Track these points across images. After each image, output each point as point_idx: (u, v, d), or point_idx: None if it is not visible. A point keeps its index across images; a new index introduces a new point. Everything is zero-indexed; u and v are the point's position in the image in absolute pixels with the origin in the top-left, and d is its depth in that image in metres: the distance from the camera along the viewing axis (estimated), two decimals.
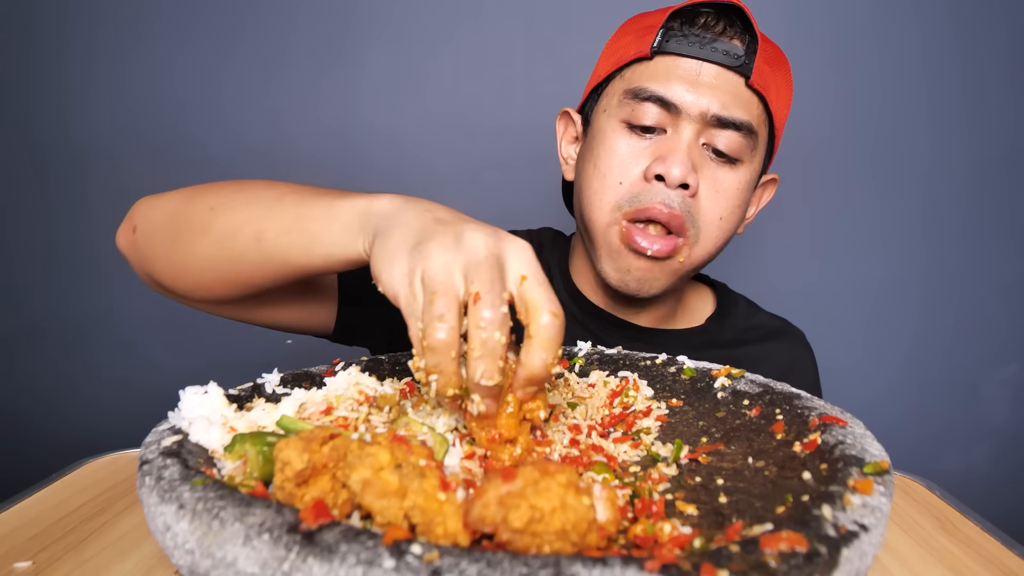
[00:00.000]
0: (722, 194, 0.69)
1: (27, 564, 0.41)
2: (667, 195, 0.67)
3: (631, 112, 0.69)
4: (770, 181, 0.79)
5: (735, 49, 0.67)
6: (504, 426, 0.40)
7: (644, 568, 0.25)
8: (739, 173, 0.69)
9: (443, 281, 0.37)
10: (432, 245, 0.38)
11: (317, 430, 0.34)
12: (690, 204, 0.68)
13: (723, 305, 0.86)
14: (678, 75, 0.67)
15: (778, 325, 0.87)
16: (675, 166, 0.66)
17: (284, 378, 0.55)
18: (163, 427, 0.41)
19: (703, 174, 0.68)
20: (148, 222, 0.61)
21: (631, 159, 0.69)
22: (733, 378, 0.55)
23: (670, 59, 0.68)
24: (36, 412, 1.38)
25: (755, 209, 0.80)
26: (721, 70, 0.67)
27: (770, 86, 0.68)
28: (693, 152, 0.68)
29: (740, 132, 0.67)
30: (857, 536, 0.29)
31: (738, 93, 0.67)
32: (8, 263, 1.34)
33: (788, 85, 0.72)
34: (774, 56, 0.69)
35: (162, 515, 0.31)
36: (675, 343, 0.80)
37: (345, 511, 0.31)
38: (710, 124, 0.67)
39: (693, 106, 0.67)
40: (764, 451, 0.45)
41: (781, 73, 0.70)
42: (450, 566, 0.25)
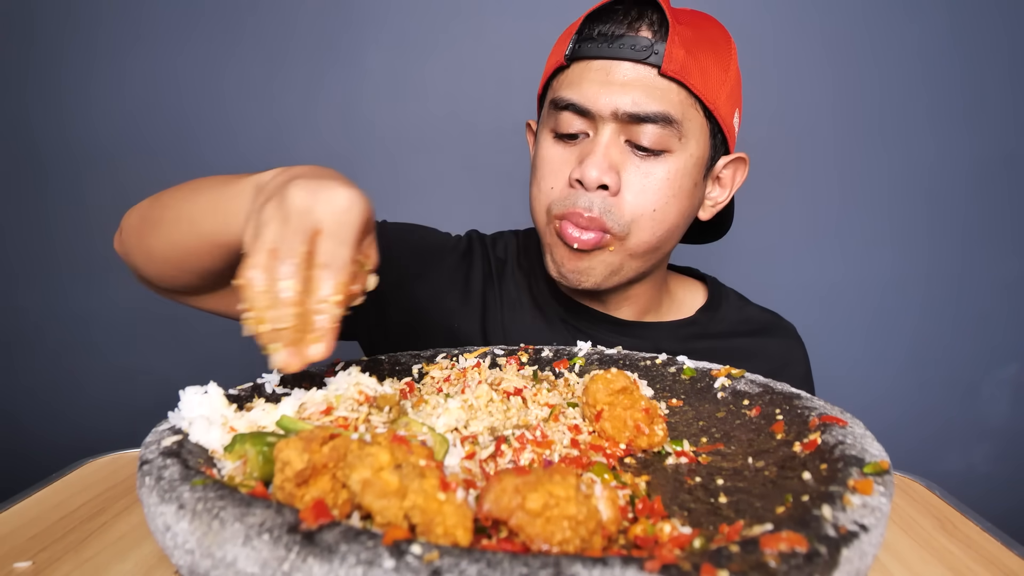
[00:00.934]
0: (651, 186, 0.69)
1: (27, 564, 0.41)
2: (588, 199, 0.69)
3: (556, 122, 0.71)
4: (737, 159, 0.78)
5: (642, 41, 0.66)
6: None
7: (644, 568, 0.25)
8: (668, 163, 0.69)
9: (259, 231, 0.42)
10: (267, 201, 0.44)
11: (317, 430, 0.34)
12: (611, 204, 0.69)
13: (713, 298, 0.86)
14: (589, 78, 0.68)
15: (769, 319, 0.87)
16: (591, 169, 0.67)
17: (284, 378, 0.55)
18: (163, 427, 0.41)
19: (628, 170, 0.69)
20: (127, 224, 0.67)
21: (559, 165, 0.71)
22: (733, 378, 0.55)
23: (583, 64, 0.69)
24: (36, 413, 1.38)
25: (728, 192, 0.79)
26: (631, 65, 0.67)
27: (690, 70, 0.67)
28: (612, 152, 0.68)
29: (658, 124, 0.67)
30: (857, 536, 0.29)
31: (651, 85, 0.67)
32: (7, 264, 1.34)
33: (720, 63, 0.70)
34: (694, 38, 0.68)
35: (162, 515, 0.31)
36: (665, 335, 0.81)
37: (345, 511, 0.31)
38: (626, 121, 0.68)
39: (605, 107, 0.67)
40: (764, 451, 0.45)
41: (706, 53, 0.68)
42: (450, 566, 0.25)
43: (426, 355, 0.64)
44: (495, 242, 0.88)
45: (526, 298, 0.83)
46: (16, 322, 1.35)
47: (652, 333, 0.81)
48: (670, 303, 0.86)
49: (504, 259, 0.86)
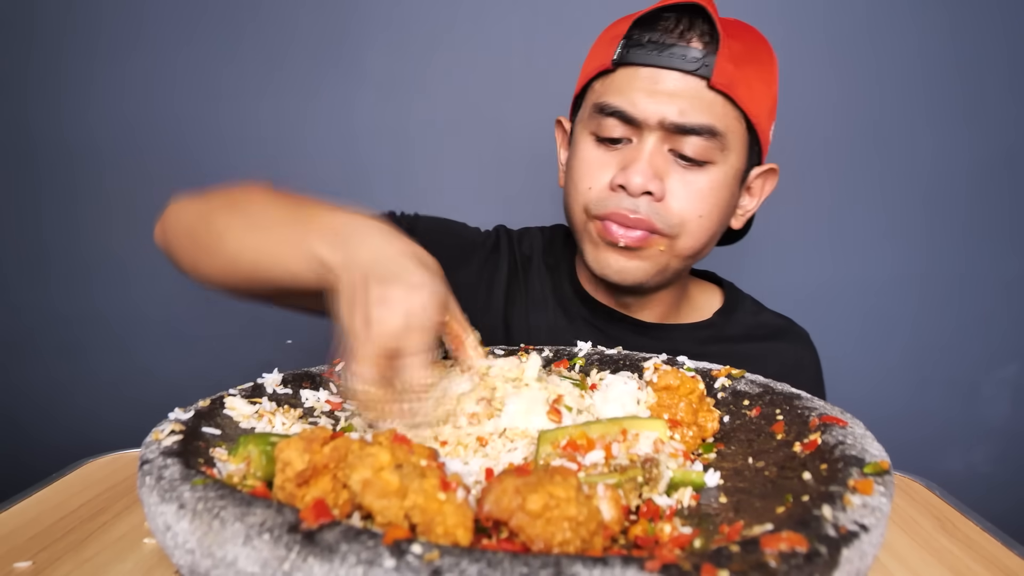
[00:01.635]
0: (696, 195, 0.70)
1: (27, 564, 0.41)
2: (632, 202, 0.69)
3: (598, 126, 0.71)
4: (769, 171, 0.78)
5: (693, 52, 0.67)
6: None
7: (644, 568, 0.25)
8: (711, 174, 0.70)
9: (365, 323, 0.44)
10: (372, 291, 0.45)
11: (318, 430, 0.34)
12: (657, 208, 0.69)
13: (729, 302, 0.87)
14: (637, 86, 0.68)
15: (784, 324, 0.88)
16: (635, 175, 0.68)
17: (284, 378, 0.55)
18: (163, 427, 0.41)
19: (671, 179, 0.70)
20: (173, 231, 0.67)
21: (600, 169, 0.71)
22: (733, 378, 0.55)
23: (631, 70, 0.69)
24: (35, 413, 1.38)
25: (756, 201, 0.80)
26: (680, 75, 0.67)
27: (737, 84, 0.67)
28: (656, 160, 0.69)
29: (702, 136, 0.68)
30: (857, 536, 0.29)
31: (698, 97, 0.67)
32: (5, 265, 1.34)
33: (764, 77, 0.71)
34: (742, 52, 0.68)
35: (162, 515, 0.31)
36: (682, 337, 0.81)
37: (346, 511, 0.31)
38: (671, 131, 0.68)
39: (652, 116, 0.67)
40: (764, 451, 0.45)
41: (753, 68, 0.69)
42: (450, 566, 0.25)
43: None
44: (521, 238, 0.88)
45: (550, 296, 0.84)
46: (15, 322, 1.35)
47: (670, 335, 0.81)
48: (688, 306, 0.86)
49: (530, 255, 0.87)
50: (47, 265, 1.34)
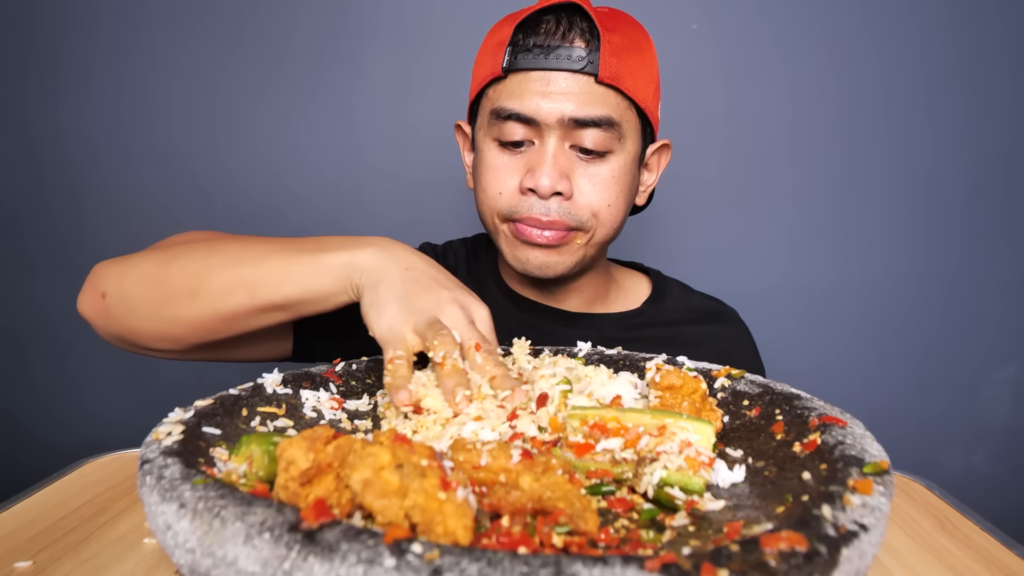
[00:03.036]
0: (601, 185, 0.73)
1: (27, 564, 0.41)
2: (544, 205, 0.72)
3: (499, 131, 0.73)
4: (662, 147, 0.82)
5: (577, 52, 0.69)
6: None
7: (644, 567, 0.25)
8: (611, 163, 0.73)
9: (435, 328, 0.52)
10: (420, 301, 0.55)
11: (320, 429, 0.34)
12: (568, 206, 0.72)
13: (658, 289, 0.89)
14: (530, 89, 0.70)
15: (712, 306, 0.90)
16: (543, 177, 0.70)
17: (284, 378, 0.55)
18: (163, 426, 0.41)
19: (576, 174, 0.72)
20: (120, 289, 0.66)
21: (507, 173, 0.74)
22: (733, 378, 0.56)
23: (521, 75, 0.71)
24: (35, 413, 1.38)
25: (655, 175, 0.83)
26: (569, 75, 0.69)
27: (623, 75, 0.70)
28: (560, 159, 0.71)
29: (601, 127, 0.70)
30: (857, 536, 0.29)
31: (590, 92, 0.70)
32: (5, 264, 1.34)
33: (645, 63, 0.73)
34: (622, 43, 0.71)
35: (163, 514, 0.31)
36: (612, 325, 0.84)
37: (347, 510, 0.31)
38: (570, 127, 0.70)
39: (549, 115, 0.70)
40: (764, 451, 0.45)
41: (633, 56, 0.71)
42: (450, 565, 0.25)
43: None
44: (446, 252, 0.91)
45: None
46: (15, 322, 1.35)
47: (599, 323, 0.84)
48: (617, 294, 0.89)
49: (455, 268, 0.89)
50: (47, 265, 1.34)
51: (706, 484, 0.41)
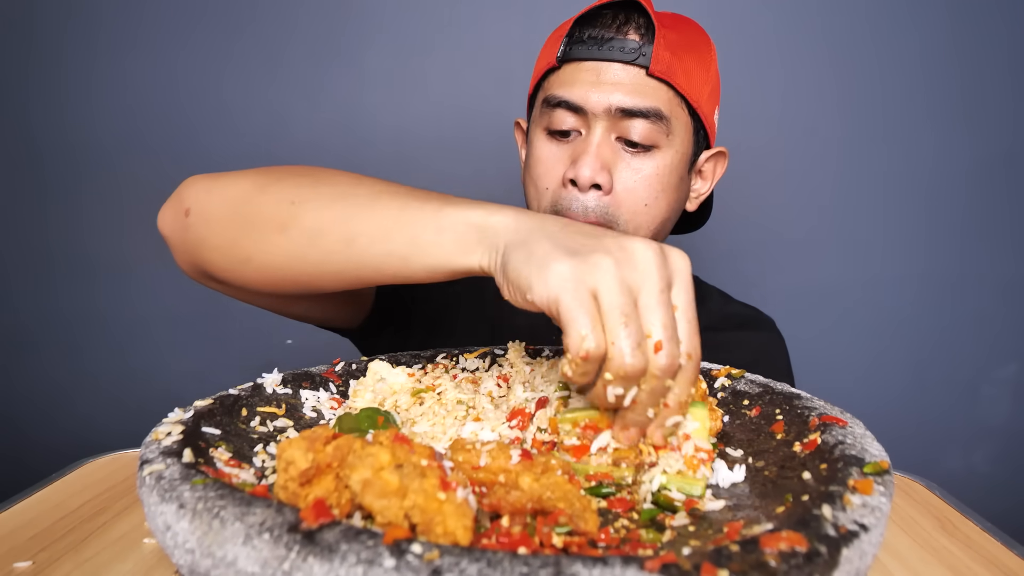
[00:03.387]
0: (642, 181, 0.72)
1: (27, 564, 0.41)
2: (581, 203, 0.71)
3: (549, 119, 0.73)
4: (718, 154, 0.81)
5: (631, 44, 0.70)
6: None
7: (644, 567, 0.25)
8: (657, 158, 0.72)
9: (628, 303, 0.37)
10: (600, 257, 0.37)
11: (320, 429, 0.34)
12: (607, 203, 0.71)
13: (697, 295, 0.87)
14: (581, 78, 0.71)
15: (751, 314, 0.90)
16: (584, 168, 0.70)
17: (284, 378, 0.55)
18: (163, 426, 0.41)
19: (619, 167, 0.72)
20: (206, 207, 0.56)
21: (553, 164, 0.74)
22: (733, 378, 0.55)
23: (574, 64, 0.72)
24: (35, 414, 1.38)
25: (709, 184, 0.82)
26: (620, 66, 0.70)
27: (675, 70, 0.70)
28: (604, 150, 0.71)
29: (648, 119, 0.70)
30: (857, 536, 0.29)
31: (640, 83, 0.70)
32: (5, 265, 1.34)
33: (702, 64, 0.73)
34: (679, 41, 0.71)
35: (162, 514, 0.31)
36: None
37: (347, 511, 0.31)
38: (617, 118, 0.70)
39: (597, 104, 0.70)
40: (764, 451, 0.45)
41: (689, 55, 0.72)
42: (450, 565, 0.25)
43: (426, 355, 0.64)
44: None
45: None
46: (16, 323, 1.35)
47: None
48: None
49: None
50: (47, 265, 1.34)
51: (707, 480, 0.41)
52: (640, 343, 0.36)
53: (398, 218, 0.47)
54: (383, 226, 0.47)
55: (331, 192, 0.51)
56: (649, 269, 0.37)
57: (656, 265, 0.38)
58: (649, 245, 0.38)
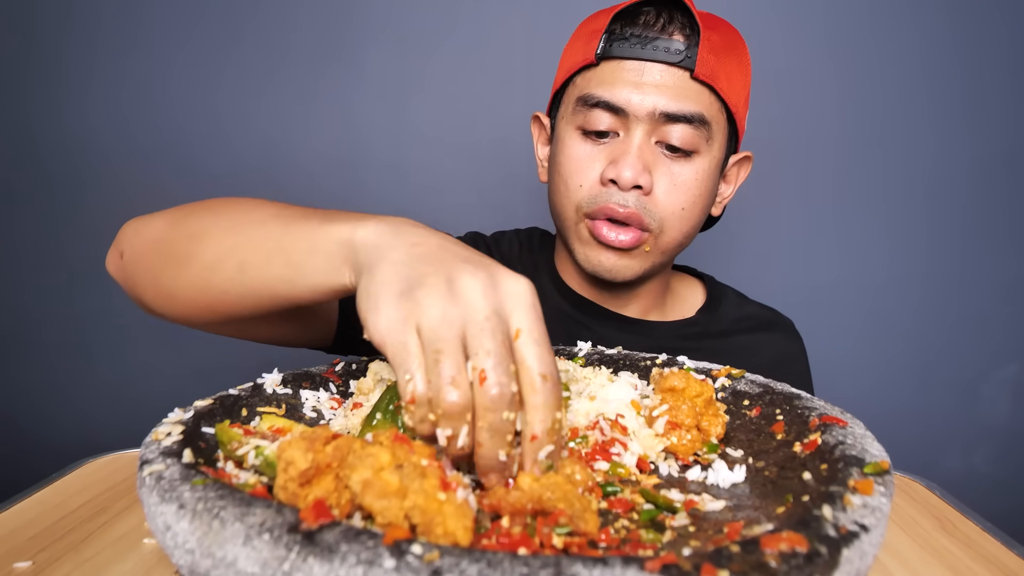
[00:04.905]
0: (680, 187, 0.71)
1: (27, 564, 0.41)
2: (622, 196, 0.70)
3: (584, 119, 0.72)
4: (744, 159, 0.80)
5: (676, 45, 0.68)
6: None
7: (644, 568, 0.25)
8: (696, 164, 0.71)
9: (446, 338, 0.35)
10: (424, 293, 0.36)
11: (319, 429, 0.34)
12: (645, 202, 0.71)
13: (713, 297, 0.88)
14: (623, 78, 0.69)
15: (768, 316, 0.89)
16: (626, 169, 0.69)
17: (284, 378, 0.55)
18: (163, 426, 0.41)
19: (658, 171, 0.71)
20: (134, 249, 0.59)
21: (588, 163, 0.72)
22: (733, 378, 0.55)
23: (614, 63, 0.70)
24: (35, 413, 1.38)
25: (732, 188, 0.82)
26: (664, 67, 0.68)
27: (718, 74, 0.69)
28: (645, 153, 0.70)
29: (691, 124, 0.69)
30: (857, 536, 0.29)
31: (684, 87, 0.68)
32: (5, 265, 1.34)
33: (741, 67, 0.72)
34: (721, 43, 0.69)
35: (162, 515, 0.31)
36: (668, 334, 0.82)
37: (347, 511, 0.31)
38: (659, 121, 0.69)
39: (640, 107, 0.69)
40: (764, 451, 0.45)
41: (731, 58, 0.70)
42: (450, 566, 0.25)
43: None
44: (498, 242, 0.89)
45: None
46: (14, 323, 1.35)
47: (656, 331, 0.82)
48: (673, 301, 0.87)
49: (509, 259, 0.87)
50: (47, 265, 1.34)
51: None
52: (455, 377, 0.34)
53: (279, 242, 0.47)
54: (267, 251, 0.48)
55: (227, 223, 0.52)
56: (472, 298, 0.36)
57: (481, 293, 0.36)
58: (476, 275, 0.37)
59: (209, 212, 0.55)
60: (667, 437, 0.46)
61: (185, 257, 0.53)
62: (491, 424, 0.34)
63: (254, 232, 0.50)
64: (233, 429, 0.40)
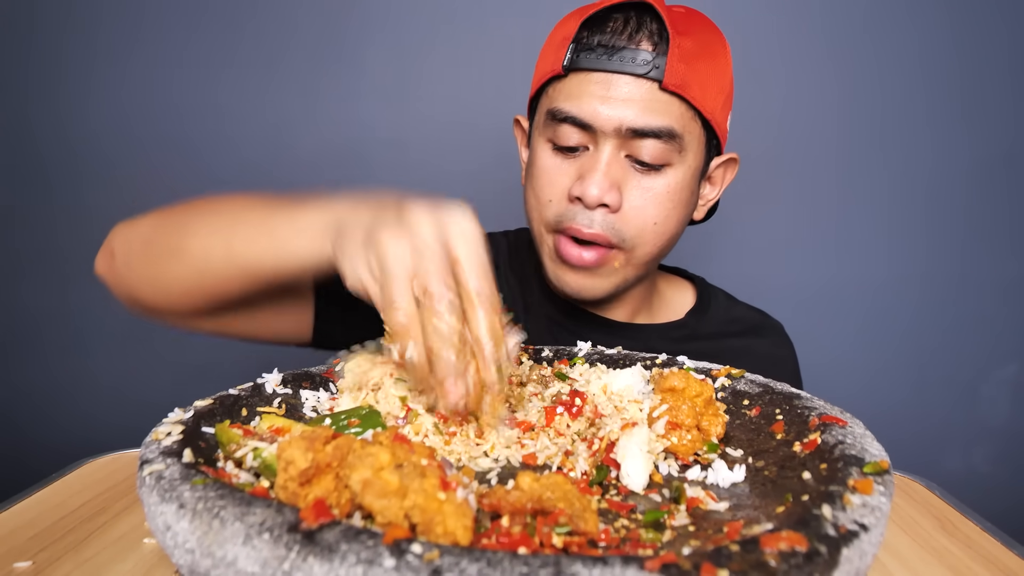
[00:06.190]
0: (651, 201, 0.69)
1: (27, 564, 0.41)
2: (588, 216, 0.68)
3: (554, 133, 0.70)
4: (729, 160, 0.78)
5: (643, 55, 0.65)
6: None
7: (644, 567, 0.25)
8: (668, 177, 0.69)
9: (391, 267, 0.41)
10: (380, 234, 0.42)
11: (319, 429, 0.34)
12: (613, 220, 0.69)
13: (702, 299, 0.86)
14: (589, 91, 0.67)
15: (758, 318, 0.88)
16: (592, 186, 0.67)
17: (284, 378, 0.55)
18: (163, 426, 0.41)
19: (629, 185, 0.69)
20: (125, 249, 0.64)
21: (558, 178, 0.71)
22: (733, 378, 0.55)
23: (582, 75, 0.67)
24: (35, 413, 1.38)
25: (718, 190, 0.79)
26: (632, 79, 0.66)
27: (689, 82, 0.66)
28: (613, 169, 0.68)
29: (660, 139, 0.67)
30: (857, 536, 0.29)
31: (652, 99, 0.66)
32: (5, 265, 1.34)
33: (716, 69, 0.69)
34: (693, 48, 0.66)
35: (162, 514, 0.31)
36: (656, 337, 0.81)
37: (347, 511, 0.31)
38: (627, 136, 0.67)
39: (607, 123, 0.66)
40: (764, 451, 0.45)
41: (704, 62, 0.67)
42: (450, 565, 0.25)
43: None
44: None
45: (519, 301, 0.83)
46: (15, 322, 1.35)
47: (643, 335, 0.81)
48: (660, 304, 0.86)
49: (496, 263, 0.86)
50: (47, 265, 1.34)
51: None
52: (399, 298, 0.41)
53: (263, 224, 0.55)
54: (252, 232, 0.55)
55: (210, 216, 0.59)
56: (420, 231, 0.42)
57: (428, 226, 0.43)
58: (424, 212, 0.44)
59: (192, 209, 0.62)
60: (667, 437, 0.46)
61: (176, 249, 0.59)
62: (436, 328, 0.40)
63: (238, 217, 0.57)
64: (233, 430, 0.40)
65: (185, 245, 0.58)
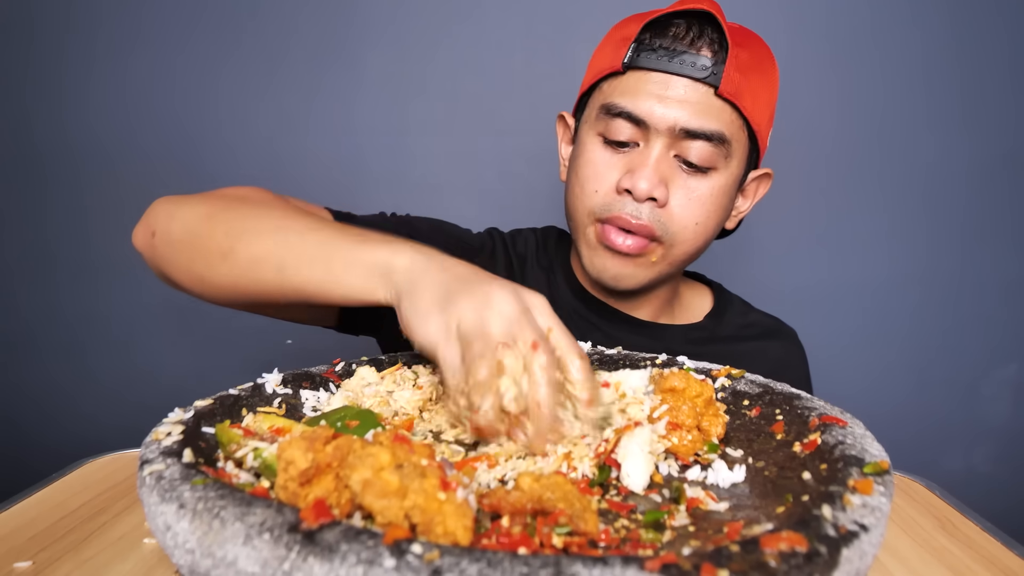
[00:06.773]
0: (695, 202, 0.71)
1: (27, 564, 0.41)
2: (636, 207, 0.71)
3: (606, 127, 0.72)
4: (763, 175, 0.80)
5: (703, 60, 0.68)
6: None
7: (644, 568, 0.25)
8: (712, 180, 0.72)
9: (478, 329, 0.43)
10: (463, 301, 0.45)
11: (319, 429, 0.34)
12: (659, 214, 0.71)
13: (720, 303, 0.89)
14: (647, 90, 0.69)
15: (772, 324, 0.90)
16: (642, 180, 0.69)
17: (284, 378, 0.55)
18: (163, 426, 0.41)
19: (675, 184, 0.71)
20: (167, 232, 0.64)
21: (606, 171, 0.73)
22: (733, 378, 0.55)
23: (640, 73, 0.70)
24: (35, 414, 1.38)
25: (749, 203, 0.82)
26: (689, 82, 0.68)
27: (743, 92, 0.69)
28: (662, 166, 0.70)
29: (711, 142, 0.69)
30: (857, 536, 0.29)
31: (707, 104, 0.68)
32: (5, 264, 1.34)
33: (768, 85, 0.72)
34: (749, 61, 0.69)
35: (162, 515, 0.31)
36: (677, 337, 0.83)
37: (347, 511, 0.31)
38: (679, 136, 0.69)
39: (661, 121, 0.69)
40: (764, 451, 0.45)
41: (757, 76, 0.70)
42: (450, 565, 0.25)
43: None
44: (515, 240, 0.89)
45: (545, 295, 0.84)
46: (15, 322, 1.35)
47: (665, 334, 0.83)
48: (680, 306, 0.88)
49: (524, 256, 0.87)
50: (47, 265, 1.34)
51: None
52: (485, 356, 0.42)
53: (320, 254, 0.55)
54: (306, 258, 0.55)
55: (266, 227, 0.59)
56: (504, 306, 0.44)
57: (510, 301, 0.45)
58: (503, 287, 0.46)
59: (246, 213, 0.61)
60: (668, 438, 0.46)
61: (224, 252, 0.59)
62: (549, 379, 0.42)
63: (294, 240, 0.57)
64: (233, 430, 0.40)
65: (236, 250, 0.58)
